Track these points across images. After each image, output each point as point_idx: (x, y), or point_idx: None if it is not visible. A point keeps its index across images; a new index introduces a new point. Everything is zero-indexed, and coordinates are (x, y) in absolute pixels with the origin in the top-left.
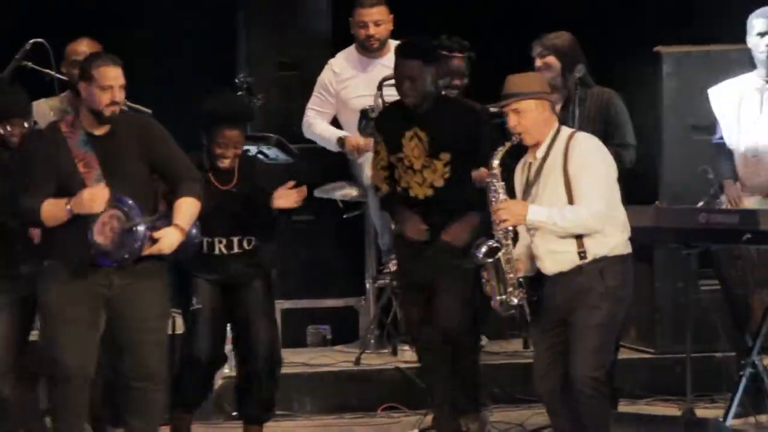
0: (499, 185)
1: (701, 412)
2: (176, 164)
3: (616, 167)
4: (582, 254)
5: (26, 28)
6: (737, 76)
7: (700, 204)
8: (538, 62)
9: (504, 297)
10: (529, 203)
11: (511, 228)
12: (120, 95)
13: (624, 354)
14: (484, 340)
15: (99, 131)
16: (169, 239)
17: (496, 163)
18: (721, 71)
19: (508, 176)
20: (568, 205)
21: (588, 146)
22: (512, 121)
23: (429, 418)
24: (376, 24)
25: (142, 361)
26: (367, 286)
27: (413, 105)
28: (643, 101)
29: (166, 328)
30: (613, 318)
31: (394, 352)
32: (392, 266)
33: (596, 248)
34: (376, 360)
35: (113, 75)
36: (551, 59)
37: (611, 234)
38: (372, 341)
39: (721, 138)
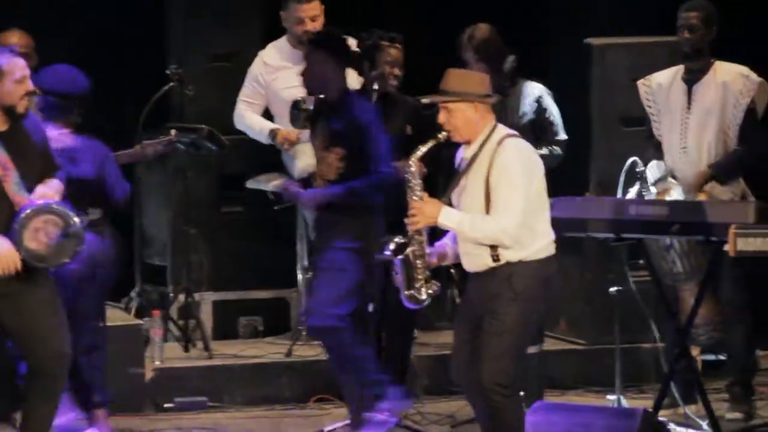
0: (416, 182)
1: (631, 403)
2: (51, 156)
3: (549, 164)
4: (495, 257)
5: None
6: (667, 68)
7: (630, 195)
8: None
9: (412, 291)
10: (443, 205)
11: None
12: (31, 86)
13: (554, 345)
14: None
15: (2, 128)
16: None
17: (414, 159)
18: (651, 63)
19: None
20: (483, 213)
21: (512, 156)
22: (442, 117)
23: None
24: (313, 19)
25: (55, 346)
26: (299, 277)
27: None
28: (572, 93)
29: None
30: (519, 322)
31: None
32: None
33: (510, 254)
34: (307, 351)
35: (23, 65)
36: (480, 65)
37: (528, 243)
38: (304, 333)
39: (651, 130)
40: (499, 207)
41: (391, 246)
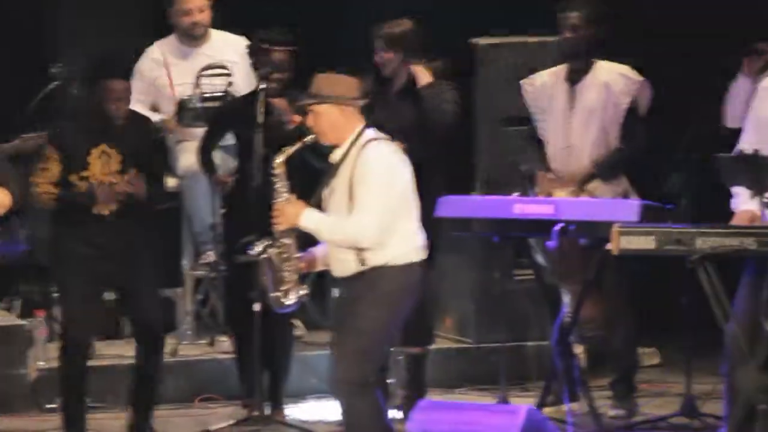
0: (281, 184)
1: (515, 401)
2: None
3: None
4: (361, 261)
5: None
6: (550, 67)
7: (515, 195)
8: (376, 56)
9: (277, 294)
10: (305, 207)
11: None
12: None
13: (440, 344)
14: (301, 331)
15: None
16: None
17: (279, 161)
18: (535, 63)
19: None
20: (344, 216)
21: (372, 158)
22: (309, 120)
23: (245, 409)
24: (200, 10)
25: None
26: (185, 276)
27: (122, 124)
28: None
29: None
30: (376, 325)
31: (212, 343)
32: (210, 257)
33: (375, 257)
34: (193, 351)
35: None
36: (389, 55)
37: (393, 245)
38: (189, 332)
39: (533, 129)
40: (358, 208)
41: (258, 247)
